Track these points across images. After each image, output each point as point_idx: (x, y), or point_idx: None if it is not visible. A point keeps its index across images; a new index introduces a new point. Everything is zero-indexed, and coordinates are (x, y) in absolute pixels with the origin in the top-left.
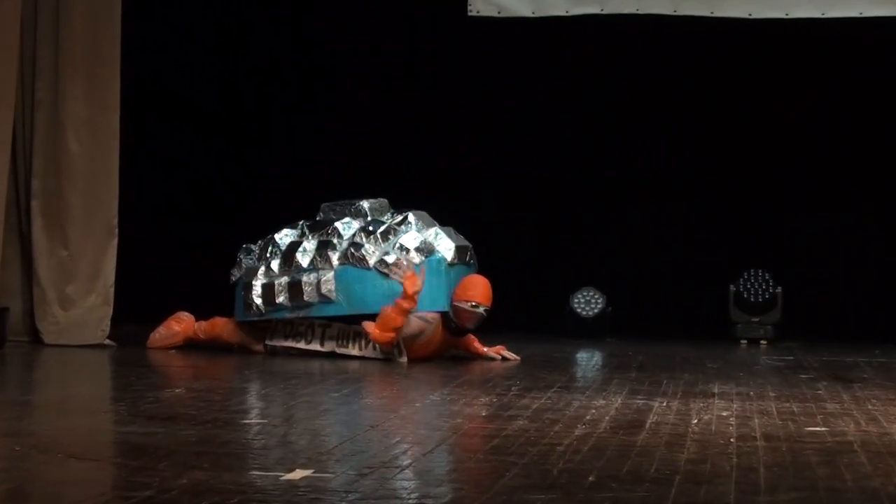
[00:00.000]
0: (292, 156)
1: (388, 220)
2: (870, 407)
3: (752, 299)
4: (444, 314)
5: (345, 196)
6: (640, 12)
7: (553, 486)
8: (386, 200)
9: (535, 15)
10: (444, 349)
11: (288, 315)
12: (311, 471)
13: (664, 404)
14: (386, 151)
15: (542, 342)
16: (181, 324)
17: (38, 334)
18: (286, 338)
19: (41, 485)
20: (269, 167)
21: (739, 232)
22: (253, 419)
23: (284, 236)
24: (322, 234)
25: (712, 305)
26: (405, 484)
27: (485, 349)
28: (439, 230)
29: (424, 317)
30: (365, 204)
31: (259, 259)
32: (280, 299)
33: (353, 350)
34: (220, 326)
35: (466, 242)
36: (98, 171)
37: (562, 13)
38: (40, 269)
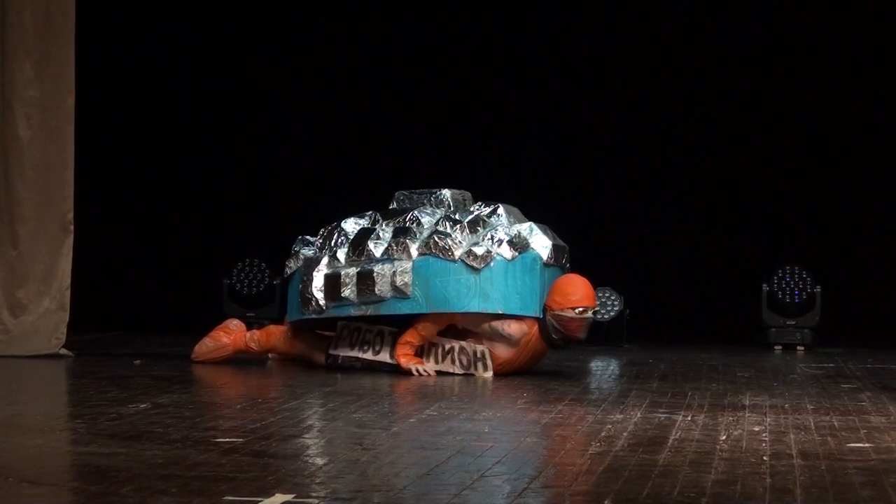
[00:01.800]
0: (265, 149)
1: (476, 209)
2: None
3: (788, 300)
4: (541, 323)
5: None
6: None
7: None
8: (469, 193)
9: None
10: (534, 362)
11: (353, 312)
12: (293, 496)
13: (689, 418)
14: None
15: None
16: (231, 334)
17: None
18: (352, 347)
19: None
20: (248, 160)
21: (773, 225)
22: (227, 437)
23: (353, 224)
24: (399, 222)
25: (743, 307)
26: None
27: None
28: (534, 226)
29: (509, 333)
30: (447, 193)
31: (322, 248)
32: (346, 293)
33: (429, 362)
34: (277, 335)
35: (562, 243)
36: (51, 159)
37: None
38: None
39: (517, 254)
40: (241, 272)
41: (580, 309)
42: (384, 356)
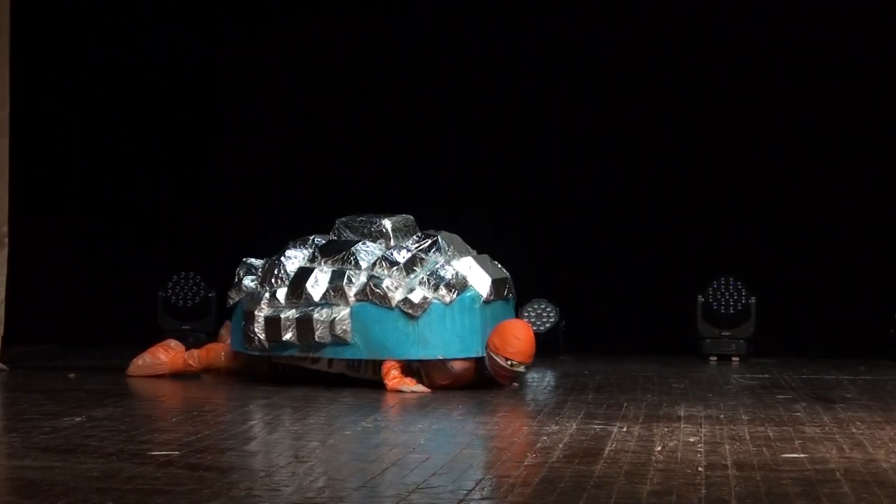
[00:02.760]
0: (202, 162)
1: (414, 244)
2: (854, 430)
3: (723, 311)
4: (478, 360)
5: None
6: None
7: None
8: (411, 218)
9: None
10: (470, 383)
11: (296, 353)
12: None
13: (624, 430)
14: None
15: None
16: (169, 353)
17: None
18: (293, 357)
19: None
20: (184, 173)
21: (708, 237)
22: (162, 450)
23: (293, 258)
24: (337, 262)
25: (678, 318)
26: None
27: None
28: (473, 260)
29: (452, 366)
30: (387, 223)
31: (263, 282)
32: (287, 336)
33: (367, 374)
34: (217, 352)
35: (504, 273)
36: None
37: None
38: None
39: (455, 296)
40: (177, 285)
41: (513, 362)
42: (323, 365)
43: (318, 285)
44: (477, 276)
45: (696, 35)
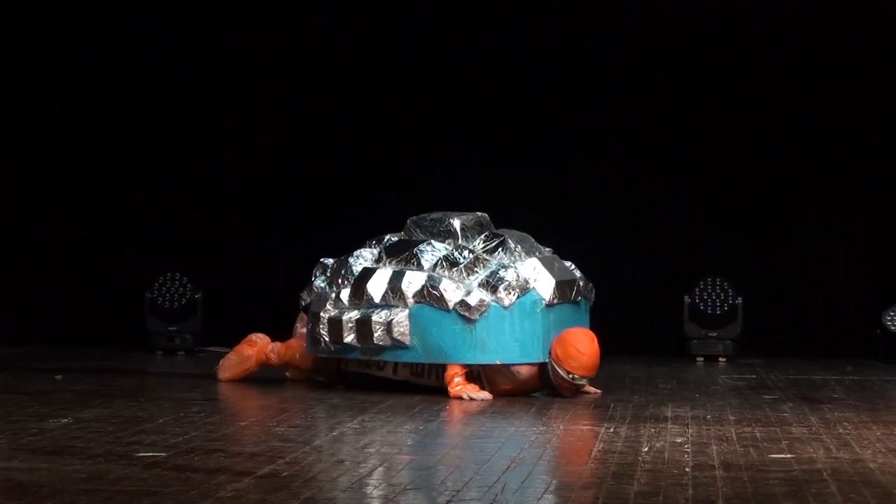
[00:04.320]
0: (189, 163)
1: (479, 245)
2: (841, 431)
3: (710, 312)
4: (542, 365)
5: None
6: None
7: None
8: (486, 216)
9: None
10: (529, 391)
11: (360, 357)
12: None
13: (611, 430)
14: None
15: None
16: (254, 346)
17: None
18: (359, 364)
19: None
20: (170, 173)
21: (695, 237)
22: (149, 452)
23: (361, 258)
24: (401, 262)
25: (664, 319)
26: None
27: None
28: (539, 261)
29: (518, 372)
30: (456, 222)
31: (330, 283)
32: (348, 339)
33: (430, 381)
34: (295, 350)
35: (573, 275)
36: None
37: None
38: None
39: (515, 298)
40: (163, 286)
41: (574, 376)
42: (388, 372)
43: (378, 286)
44: (541, 278)
45: (688, 33)
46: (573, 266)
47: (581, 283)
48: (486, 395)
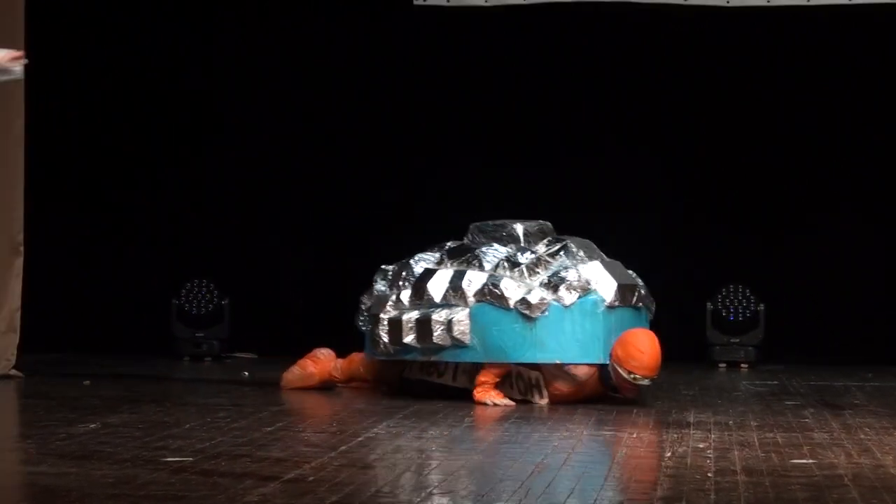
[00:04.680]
0: (216, 168)
1: (542, 249)
2: (862, 436)
3: (732, 318)
4: (601, 367)
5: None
6: None
7: None
8: (549, 224)
9: (490, 4)
10: (591, 396)
11: (419, 358)
12: None
13: (634, 436)
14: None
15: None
16: (318, 364)
17: None
18: (421, 372)
19: None
20: (198, 180)
21: (717, 244)
22: (176, 457)
23: (422, 261)
24: (462, 263)
25: (687, 325)
26: None
27: None
28: (601, 264)
29: (575, 373)
30: (519, 228)
31: (391, 286)
32: (408, 339)
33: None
34: (356, 363)
35: (636, 281)
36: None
37: (520, 1)
38: None
39: (576, 298)
40: (190, 293)
41: (635, 376)
42: (448, 378)
43: (439, 286)
44: (603, 280)
45: (700, 36)
46: (634, 274)
47: (642, 291)
48: (508, 402)
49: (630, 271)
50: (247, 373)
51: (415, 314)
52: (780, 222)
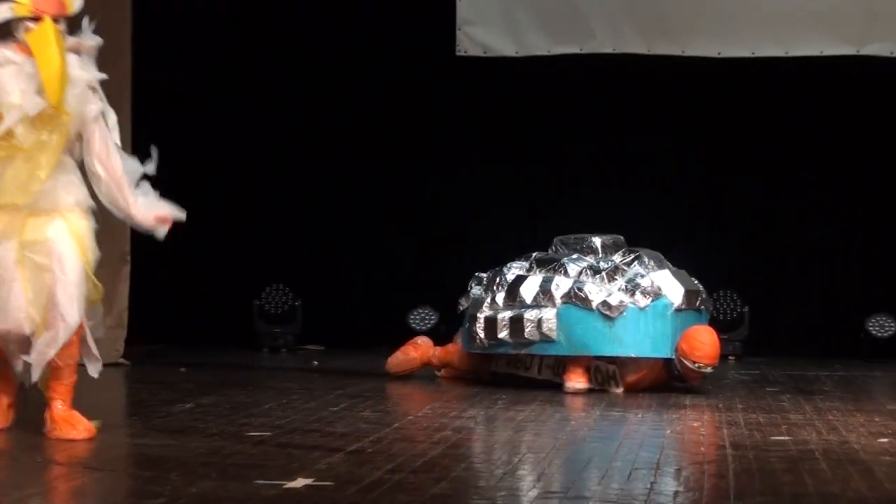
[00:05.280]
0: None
1: (618, 258)
2: (830, 417)
3: (721, 318)
4: (666, 361)
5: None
6: (616, 52)
7: (547, 488)
8: (622, 238)
9: (519, 54)
10: (656, 385)
11: (511, 351)
12: (312, 480)
13: (639, 416)
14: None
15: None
16: (418, 350)
17: None
18: (508, 365)
19: (62, 493)
20: (278, 198)
21: (709, 257)
22: (257, 431)
23: (513, 268)
24: (549, 270)
25: None
26: (401, 498)
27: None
28: (670, 273)
29: (645, 366)
30: (597, 241)
31: (487, 290)
32: (502, 334)
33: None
34: (452, 353)
35: (698, 287)
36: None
37: (544, 52)
38: None
39: (650, 301)
40: (269, 295)
41: (699, 365)
42: (533, 372)
43: (530, 289)
44: (671, 286)
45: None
46: (696, 281)
47: (703, 296)
48: (584, 385)
49: (693, 279)
50: (316, 362)
51: (508, 313)
52: (762, 237)
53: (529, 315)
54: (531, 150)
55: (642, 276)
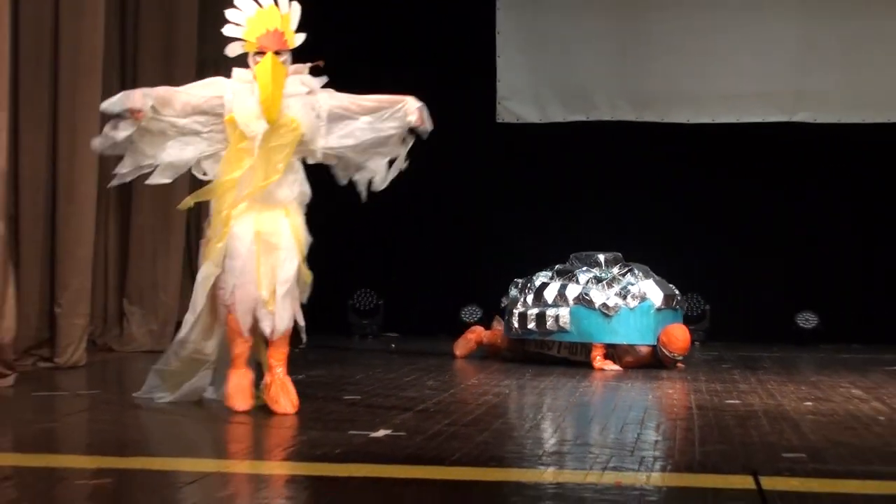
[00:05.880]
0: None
1: (616, 271)
2: (769, 387)
3: (689, 314)
4: (653, 347)
5: None
6: (613, 119)
7: (562, 437)
8: (620, 254)
9: (542, 121)
10: (644, 364)
11: (538, 338)
12: (390, 430)
13: (629, 385)
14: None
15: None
16: (475, 334)
17: None
18: (536, 347)
19: (213, 438)
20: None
21: (677, 265)
22: (350, 395)
23: (540, 276)
24: (565, 279)
25: None
26: (455, 444)
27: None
28: (654, 282)
29: (639, 350)
30: (601, 257)
31: (521, 292)
32: (530, 326)
33: (580, 357)
34: (497, 336)
35: (674, 291)
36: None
37: (560, 120)
38: None
39: (637, 303)
40: (359, 297)
41: (674, 355)
42: (553, 352)
43: (551, 293)
44: (654, 291)
45: (676, 134)
46: (673, 286)
47: (679, 298)
48: (617, 368)
49: (671, 285)
50: (393, 345)
51: (535, 310)
52: (721, 252)
53: (550, 312)
54: (553, 191)
55: (632, 284)
